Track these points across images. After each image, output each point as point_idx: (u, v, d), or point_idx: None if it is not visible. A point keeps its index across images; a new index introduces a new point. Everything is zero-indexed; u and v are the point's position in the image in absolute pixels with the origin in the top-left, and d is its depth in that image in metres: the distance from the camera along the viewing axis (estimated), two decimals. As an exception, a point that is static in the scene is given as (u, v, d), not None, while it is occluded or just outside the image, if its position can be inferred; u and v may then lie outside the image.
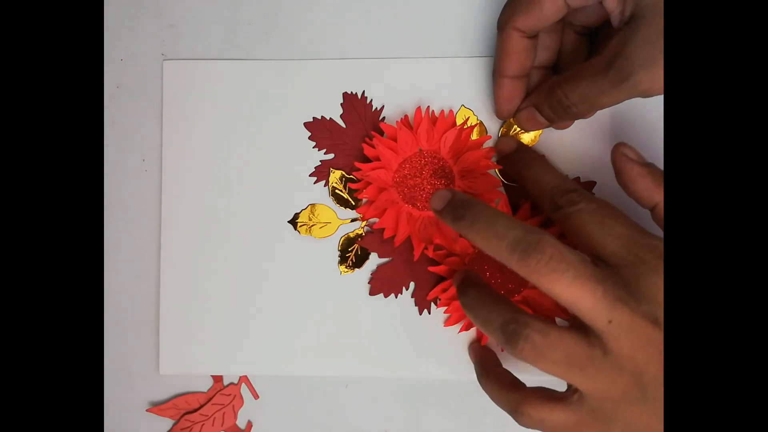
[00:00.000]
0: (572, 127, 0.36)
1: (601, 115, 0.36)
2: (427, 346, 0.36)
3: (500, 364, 0.33)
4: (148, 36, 0.37)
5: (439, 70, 0.36)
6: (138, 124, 0.37)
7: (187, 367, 0.36)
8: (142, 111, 0.37)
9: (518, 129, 0.36)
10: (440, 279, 0.35)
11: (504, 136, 0.35)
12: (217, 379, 0.36)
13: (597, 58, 0.29)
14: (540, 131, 0.36)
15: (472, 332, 0.36)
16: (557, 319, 0.35)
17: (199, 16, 0.37)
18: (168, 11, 0.37)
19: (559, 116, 0.32)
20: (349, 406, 0.36)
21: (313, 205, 0.36)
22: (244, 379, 0.36)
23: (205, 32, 0.37)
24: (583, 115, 0.32)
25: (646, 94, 0.28)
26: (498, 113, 0.35)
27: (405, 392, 0.36)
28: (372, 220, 0.36)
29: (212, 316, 0.36)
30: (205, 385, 0.36)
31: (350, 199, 0.36)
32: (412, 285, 0.36)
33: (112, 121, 0.37)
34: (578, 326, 0.26)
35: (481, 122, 0.36)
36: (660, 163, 0.29)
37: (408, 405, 0.36)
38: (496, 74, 0.34)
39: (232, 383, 0.36)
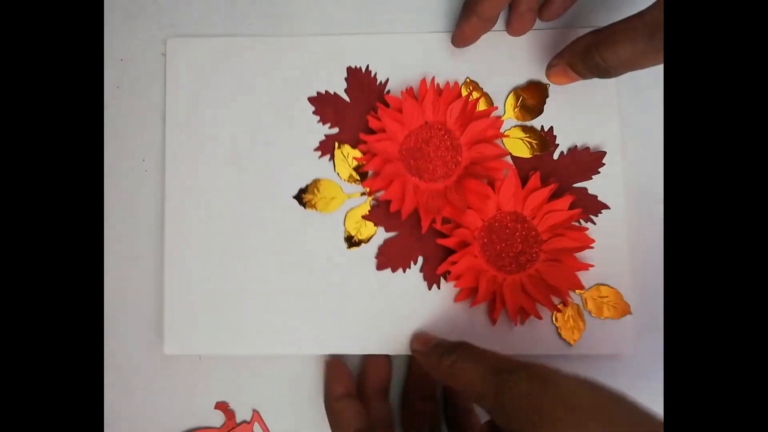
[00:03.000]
0: (580, 98, 0.35)
1: (609, 87, 0.35)
2: (437, 322, 0.35)
3: None
4: (148, 36, 0.38)
5: (443, 43, 0.36)
6: (138, 124, 0.37)
7: (193, 348, 0.35)
8: (142, 111, 0.37)
9: (523, 100, 0.35)
10: (449, 252, 0.34)
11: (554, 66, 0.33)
12: (230, 416, 0.35)
13: (638, 21, 0.27)
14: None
15: (482, 305, 0.35)
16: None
17: (199, 16, 0.38)
18: (168, 11, 0.38)
19: (594, 75, 0.31)
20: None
21: (317, 179, 0.36)
22: (256, 416, 0.35)
23: (205, 32, 0.37)
24: (619, 74, 0.30)
25: None
26: (455, 42, 0.35)
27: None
28: (378, 194, 0.35)
29: (218, 295, 0.35)
30: (218, 420, 0.35)
31: (355, 173, 0.35)
32: (420, 259, 0.35)
33: (112, 121, 0.37)
34: None
35: (486, 93, 0.36)
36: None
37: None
38: (469, 11, 0.33)
39: (245, 421, 0.35)
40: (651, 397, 0.34)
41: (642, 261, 0.35)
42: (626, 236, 0.35)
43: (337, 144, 0.36)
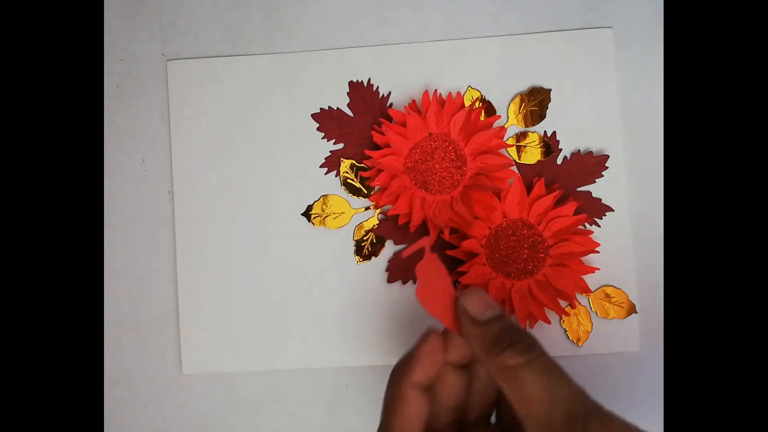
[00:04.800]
0: (582, 102, 0.36)
1: (610, 90, 0.35)
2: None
3: None
4: (148, 36, 0.37)
5: (444, 52, 0.36)
6: (138, 124, 0.37)
7: (210, 367, 0.36)
8: (143, 111, 0.37)
9: (525, 106, 0.36)
10: (458, 262, 0.35)
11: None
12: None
13: None
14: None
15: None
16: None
17: (199, 15, 0.37)
18: (168, 11, 0.37)
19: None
20: (349, 406, 0.36)
21: (325, 196, 0.36)
22: None
23: (205, 32, 0.37)
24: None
25: None
26: None
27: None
28: (386, 207, 0.36)
29: (231, 313, 0.36)
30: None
31: (362, 188, 0.36)
32: (430, 270, 0.35)
33: (112, 121, 0.37)
34: None
35: (489, 102, 0.36)
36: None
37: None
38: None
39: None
40: (656, 393, 0.35)
41: (647, 260, 0.35)
42: (630, 237, 0.35)
43: (341, 160, 0.36)
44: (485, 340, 0.25)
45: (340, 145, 0.36)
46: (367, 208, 0.36)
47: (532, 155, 0.36)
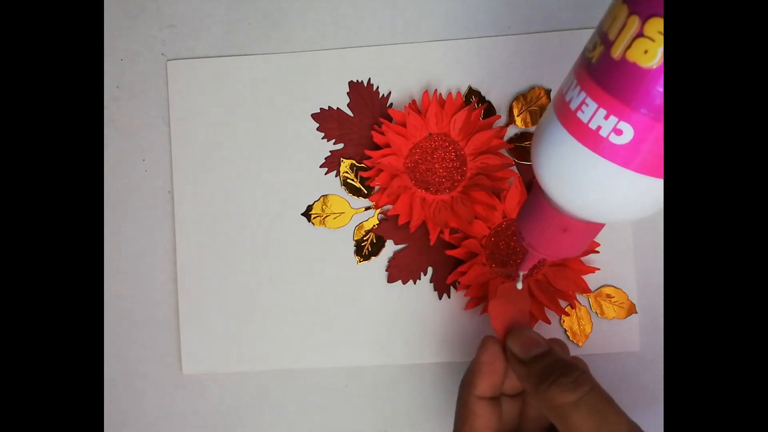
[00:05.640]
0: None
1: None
2: (449, 331, 0.35)
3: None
4: (148, 36, 0.37)
5: (444, 52, 0.36)
6: (138, 124, 0.37)
7: (210, 366, 0.36)
8: (143, 111, 0.37)
9: (526, 106, 0.36)
10: (458, 262, 0.35)
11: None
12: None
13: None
14: None
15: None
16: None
17: (199, 16, 0.37)
18: (168, 11, 0.37)
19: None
20: (349, 406, 0.36)
21: (325, 196, 0.36)
22: None
23: (205, 32, 0.37)
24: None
25: None
26: None
27: (405, 393, 0.36)
28: (386, 207, 0.36)
29: (231, 313, 0.36)
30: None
31: (362, 188, 0.36)
32: (430, 270, 0.36)
33: (112, 121, 0.37)
34: None
35: (489, 102, 0.36)
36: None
37: (408, 405, 0.36)
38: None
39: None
40: (656, 393, 0.35)
41: (647, 260, 0.36)
42: (631, 237, 0.35)
43: (341, 159, 0.36)
44: (531, 377, 0.25)
45: (340, 145, 0.36)
46: (367, 208, 0.36)
47: (532, 155, 0.36)
